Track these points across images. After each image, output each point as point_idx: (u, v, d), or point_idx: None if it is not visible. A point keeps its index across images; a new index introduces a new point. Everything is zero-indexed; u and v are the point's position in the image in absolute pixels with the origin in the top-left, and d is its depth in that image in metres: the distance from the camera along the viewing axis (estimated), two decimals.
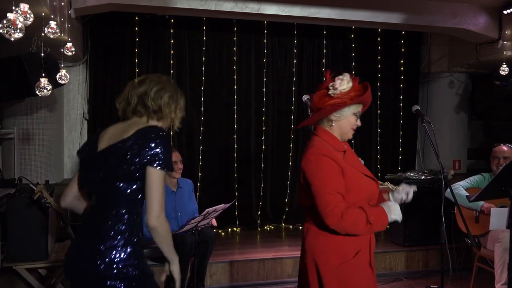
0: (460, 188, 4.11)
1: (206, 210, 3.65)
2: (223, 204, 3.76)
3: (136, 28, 5.59)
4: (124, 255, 1.91)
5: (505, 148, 4.15)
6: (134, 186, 1.95)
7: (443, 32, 5.79)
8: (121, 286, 1.90)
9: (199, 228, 3.79)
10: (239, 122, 6.02)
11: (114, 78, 5.59)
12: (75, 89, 5.58)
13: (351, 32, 6.21)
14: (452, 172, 5.70)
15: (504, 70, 5.32)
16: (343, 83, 2.14)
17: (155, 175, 1.90)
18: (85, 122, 5.60)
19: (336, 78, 2.16)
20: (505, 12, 5.20)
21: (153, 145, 1.91)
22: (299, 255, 2.24)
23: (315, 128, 2.24)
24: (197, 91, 5.86)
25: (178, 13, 5.13)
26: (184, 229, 3.82)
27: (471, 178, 4.25)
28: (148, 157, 1.90)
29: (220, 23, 5.74)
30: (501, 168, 3.05)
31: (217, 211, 3.75)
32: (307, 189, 2.11)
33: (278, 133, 6.19)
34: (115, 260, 1.89)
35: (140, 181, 1.94)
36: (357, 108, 2.19)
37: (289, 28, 6.02)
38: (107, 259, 1.88)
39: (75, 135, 5.59)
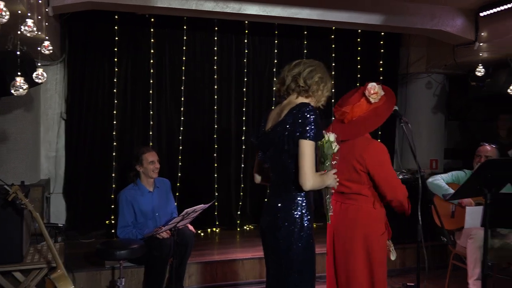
0: (441, 180, 4.18)
1: (185, 210, 3.64)
2: (202, 205, 3.75)
3: (116, 27, 5.53)
4: (296, 214, 2.31)
5: (488, 147, 4.25)
6: (295, 159, 2.26)
7: (422, 34, 5.87)
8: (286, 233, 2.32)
9: (178, 228, 3.77)
10: (219, 122, 6.00)
11: (93, 77, 5.52)
12: (52, 88, 5.49)
13: (331, 33, 6.25)
14: (429, 171, 5.79)
15: (480, 71, 5.42)
16: (378, 90, 2.74)
17: (305, 145, 2.21)
18: (63, 121, 5.52)
19: (370, 87, 2.73)
20: (481, 14, 5.29)
21: (302, 120, 2.21)
22: None
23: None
24: (178, 91, 5.83)
25: (158, 12, 5.09)
26: (162, 230, 3.81)
27: (453, 172, 4.33)
28: (300, 130, 2.21)
29: (201, 22, 5.71)
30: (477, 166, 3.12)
31: (196, 212, 3.74)
32: (363, 174, 2.70)
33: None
34: (291, 217, 2.32)
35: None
36: None
37: (270, 28, 6.03)
38: (285, 217, 2.32)
39: (52, 135, 5.50)
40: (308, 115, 2.21)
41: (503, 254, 3.83)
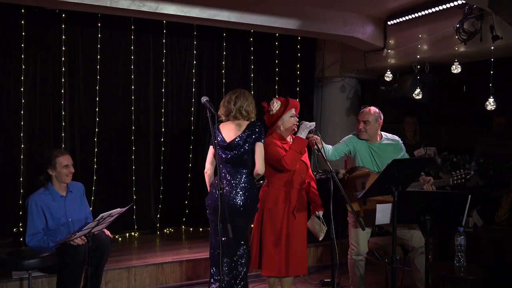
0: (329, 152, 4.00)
1: (101, 215, 3.50)
2: (119, 209, 3.63)
3: (23, 22, 5.19)
4: (248, 193, 3.47)
5: (367, 110, 4.09)
6: (251, 156, 3.47)
7: (335, 39, 6.14)
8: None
9: (94, 233, 3.62)
10: (137, 124, 5.85)
11: None
12: None
13: (250, 36, 6.33)
14: (342, 171, 6.02)
15: (388, 76, 5.78)
16: (275, 104, 3.72)
17: (261, 146, 3.48)
18: None
19: (270, 103, 3.74)
20: (389, 23, 5.65)
21: (256, 130, 3.47)
22: (199, 257, 2.39)
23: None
24: (92, 91, 5.59)
25: (69, 7, 4.83)
26: (76, 236, 3.64)
27: (344, 141, 4.14)
28: (256, 136, 3.45)
29: (117, 20, 5.51)
30: (384, 167, 3.28)
31: (112, 216, 3.61)
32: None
33: (178, 135, 6.12)
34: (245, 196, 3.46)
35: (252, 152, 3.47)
36: (290, 113, 3.72)
37: (189, 29, 5.98)
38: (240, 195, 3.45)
39: None
40: (261, 128, 3.49)
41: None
